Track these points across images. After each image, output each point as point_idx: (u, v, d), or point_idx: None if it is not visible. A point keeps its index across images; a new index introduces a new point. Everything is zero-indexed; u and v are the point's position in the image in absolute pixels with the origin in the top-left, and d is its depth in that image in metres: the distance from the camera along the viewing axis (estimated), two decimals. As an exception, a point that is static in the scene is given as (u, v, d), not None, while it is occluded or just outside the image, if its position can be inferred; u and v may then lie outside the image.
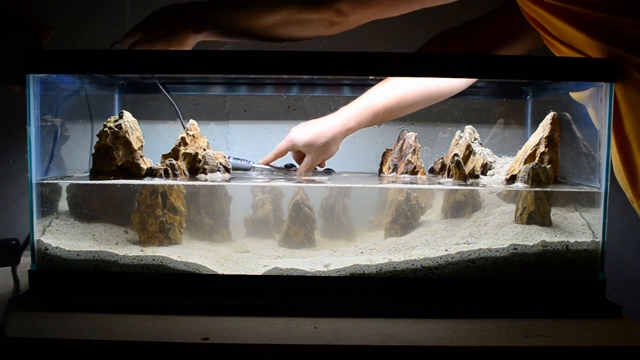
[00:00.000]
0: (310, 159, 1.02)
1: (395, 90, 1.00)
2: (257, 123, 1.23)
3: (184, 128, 0.97)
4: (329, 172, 1.12)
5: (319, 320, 0.76)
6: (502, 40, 1.01)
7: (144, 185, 0.87)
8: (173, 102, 1.07)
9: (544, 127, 0.91)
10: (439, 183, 0.95)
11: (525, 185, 0.87)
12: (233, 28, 0.93)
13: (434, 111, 1.14)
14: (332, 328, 0.73)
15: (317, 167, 1.07)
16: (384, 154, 1.07)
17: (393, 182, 0.98)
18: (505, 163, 0.99)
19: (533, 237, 0.84)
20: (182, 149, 0.95)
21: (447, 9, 1.01)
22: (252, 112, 1.23)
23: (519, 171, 0.89)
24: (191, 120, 0.98)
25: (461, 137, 1.01)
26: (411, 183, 0.95)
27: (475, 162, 0.97)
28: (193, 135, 0.97)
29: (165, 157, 0.93)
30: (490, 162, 0.99)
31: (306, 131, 1.02)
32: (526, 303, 0.81)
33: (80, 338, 0.69)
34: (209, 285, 0.82)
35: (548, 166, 0.88)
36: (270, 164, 1.07)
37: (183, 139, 0.96)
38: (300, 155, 1.05)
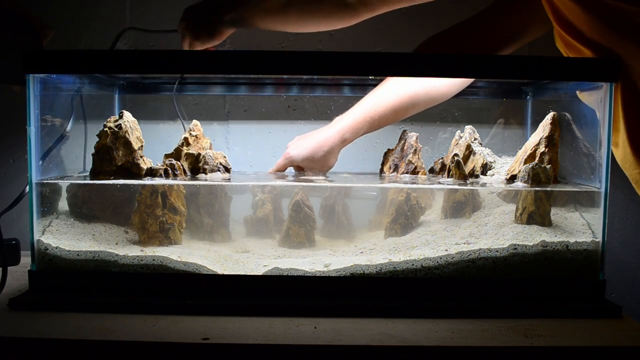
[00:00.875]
0: (311, 173, 1.04)
1: (389, 98, 1.00)
2: (257, 123, 1.23)
3: (185, 130, 0.97)
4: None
5: (319, 320, 0.76)
6: (498, 40, 1.01)
7: (144, 185, 0.87)
8: (177, 108, 1.08)
9: (544, 127, 0.91)
10: (439, 183, 0.95)
11: (525, 185, 0.87)
12: (252, 9, 0.92)
13: (434, 111, 1.14)
14: (332, 328, 0.73)
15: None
16: (385, 154, 1.07)
17: (394, 182, 0.98)
18: (505, 163, 0.99)
19: (533, 237, 0.84)
20: (185, 149, 0.95)
21: (447, 9, 1.01)
22: (252, 112, 1.23)
23: (519, 171, 0.89)
24: (194, 121, 0.98)
25: (461, 137, 1.01)
26: (411, 183, 0.95)
27: (475, 162, 0.97)
28: (196, 136, 0.97)
29: (167, 157, 0.93)
30: (490, 162, 0.99)
31: (303, 147, 1.03)
32: (526, 303, 0.81)
33: (80, 338, 0.69)
34: (209, 285, 0.82)
35: (548, 166, 0.88)
36: None
37: (186, 139, 0.96)
38: (300, 169, 1.06)
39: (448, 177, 0.97)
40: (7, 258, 0.87)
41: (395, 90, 1.01)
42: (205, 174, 0.94)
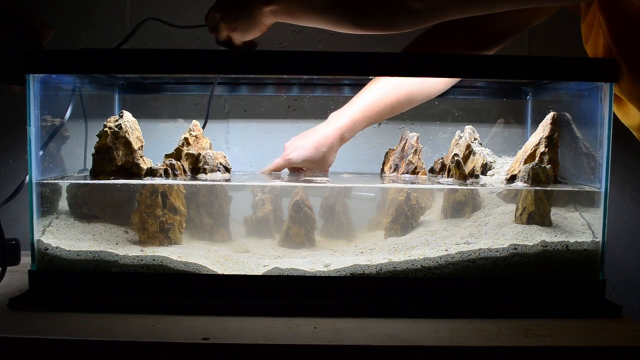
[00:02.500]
0: (310, 173, 1.04)
1: (385, 95, 1.00)
2: (257, 123, 1.23)
3: (197, 127, 0.98)
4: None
5: (319, 320, 0.76)
6: (500, 32, 1.01)
7: (144, 185, 0.87)
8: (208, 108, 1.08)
9: (543, 127, 0.91)
10: (439, 183, 0.95)
11: (525, 185, 0.87)
12: (297, 2, 0.84)
13: (434, 111, 1.14)
14: (332, 328, 0.73)
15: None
16: (386, 154, 1.07)
17: (394, 181, 0.99)
18: (505, 163, 0.99)
19: (533, 237, 0.84)
20: (185, 149, 0.95)
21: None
22: (252, 112, 1.23)
23: (519, 171, 0.89)
24: (194, 121, 0.98)
25: (461, 137, 1.01)
26: (411, 183, 0.95)
27: (475, 162, 0.97)
28: (196, 136, 0.97)
29: (168, 157, 0.93)
30: (490, 162, 0.99)
31: (302, 148, 1.02)
32: (526, 303, 0.81)
33: (80, 338, 0.69)
34: (209, 285, 0.82)
35: (548, 166, 0.88)
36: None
37: (186, 139, 0.96)
38: (299, 169, 1.06)
39: (448, 177, 0.97)
40: (7, 258, 0.87)
41: (391, 86, 1.00)
42: (205, 174, 0.94)
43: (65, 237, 0.85)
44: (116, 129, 0.86)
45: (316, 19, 0.85)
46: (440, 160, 1.05)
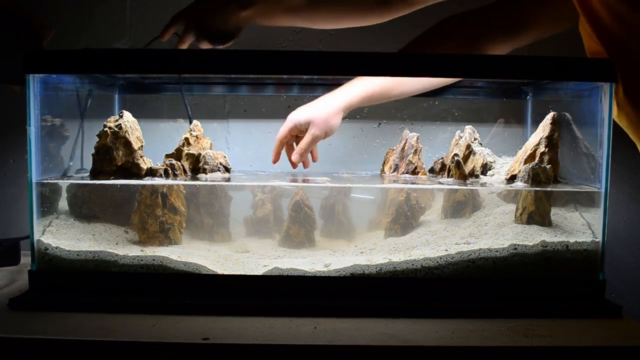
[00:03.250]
0: (312, 133, 0.99)
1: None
2: (257, 123, 1.23)
3: (191, 122, 0.97)
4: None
5: (319, 320, 0.76)
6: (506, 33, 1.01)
7: (144, 185, 0.87)
8: (187, 105, 1.08)
9: (543, 127, 0.91)
10: (439, 183, 0.95)
11: (525, 185, 0.87)
12: (274, 5, 0.85)
13: (434, 111, 1.14)
14: (332, 328, 0.73)
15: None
16: (386, 154, 1.07)
17: (394, 182, 0.99)
18: (505, 163, 0.99)
19: (533, 237, 0.84)
20: (186, 149, 0.95)
21: (448, 11, 1.01)
22: (252, 112, 1.23)
23: (519, 171, 0.90)
24: (195, 121, 0.98)
25: (461, 137, 1.01)
26: (411, 183, 0.95)
27: (475, 162, 0.97)
28: (197, 136, 0.97)
29: (168, 157, 0.93)
30: (490, 162, 0.99)
31: (306, 107, 1.01)
32: (526, 303, 0.81)
33: (80, 338, 0.69)
34: (209, 285, 0.82)
35: (548, 166, 0.88)
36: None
37: (187, 139, 0.96)
38: (301, 137, 1.02)
39: (448, 177, 0.97)
40: (7, 258, 0.87)
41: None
42: (206, 174, 0.94)
43: (65, 237, 0.85)
44: (116, 129, 0.86)
45: (293, 19, 0.87)
46: (440, 160, 1.05)
